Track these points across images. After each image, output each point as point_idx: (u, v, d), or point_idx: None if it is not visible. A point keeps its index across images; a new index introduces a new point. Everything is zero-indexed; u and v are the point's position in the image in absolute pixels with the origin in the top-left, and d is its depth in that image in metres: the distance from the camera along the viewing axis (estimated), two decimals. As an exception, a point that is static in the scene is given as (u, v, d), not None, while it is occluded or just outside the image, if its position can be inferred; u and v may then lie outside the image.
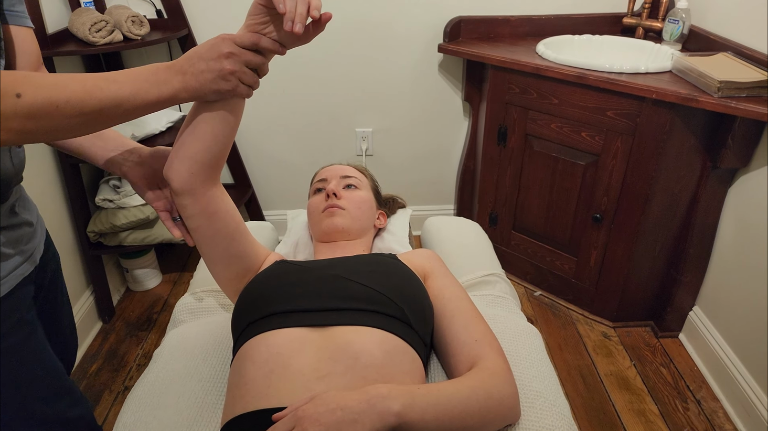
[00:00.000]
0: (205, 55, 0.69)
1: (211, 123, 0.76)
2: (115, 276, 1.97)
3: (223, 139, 0.78)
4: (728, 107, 1.29)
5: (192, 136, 0.77)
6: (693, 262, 1.63)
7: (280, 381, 0.70)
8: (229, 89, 0.71)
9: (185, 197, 0.81)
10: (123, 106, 0.65)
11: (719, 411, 1.51)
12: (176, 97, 0.69)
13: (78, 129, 0.64)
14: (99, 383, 1.61)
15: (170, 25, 1.80)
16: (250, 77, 0.72)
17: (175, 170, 0.79)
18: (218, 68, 0.69)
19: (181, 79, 0.68)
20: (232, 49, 0.69)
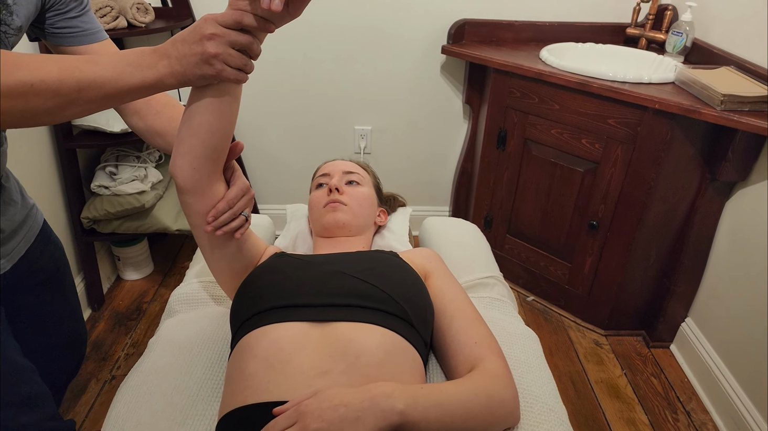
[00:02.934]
0: (188, 38, 0.64)
1: (205, 114, 0.72)
2: (106, 264, 1.94)
3: (220, 131, 0.74)
4: (730, 120, 1.30)
5: (189, 130, 0.73)
6: (687, 273, 1.64)
7: (280, 376, 0.69)
8: (214, 74, 0.66)
9: (191, 194, 0.77)
10: (104, 89, 0.62)
11: (709, 423, 1.52)
12: (162, 83, 0.65)
13: (57, 112, 0.61)
14: (85, 372, 1.59)
15: (175, 13, 1.79)
16: (238, 59, 0.66)
17: (178, 167, 0.76)
18: (200, 51, 0.64)
19: (166, 63, 0.64)
20: (215, 29, 0.64)
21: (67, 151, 1.62)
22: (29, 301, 0.88)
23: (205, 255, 0.87)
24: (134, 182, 1.70)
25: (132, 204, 1.67)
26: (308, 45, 1.93)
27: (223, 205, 0.78)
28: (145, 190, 1.71)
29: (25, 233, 0.84)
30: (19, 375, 0.78)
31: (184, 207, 0.80)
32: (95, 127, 1.62)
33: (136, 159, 1.76)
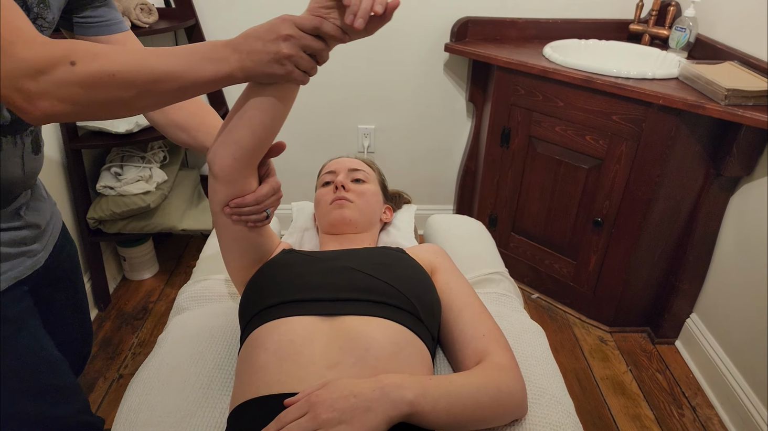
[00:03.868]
0: (262, 35, 0.65)
1: (261, 108, 0.72)
2: (112, 265, 1.95)
3: (270, 127, 0.75)
4: (735, 115, 1.30)
5: (241, 120, 0.74)
6: (692, 270, 1.64)
7: (292, 367, 0.70)
8: (283, 74, 0.67)
9: (223, 183, 0.78)
10: (177, 81, 0.62)
11: (714, 418, 1.52)
12: (232, 76, 0.65)
13: (131, 103, 0.62)
14: (93, 371, 1.60)
15: (178, 14, 1.80)
16: (307, 63, 0.67)
17: (218, 155, 0.76)
18: (274, 50, 0.64)
19: (237, 57, 0.64)
20: (292, 31, 0.65)
21: (72, 151, 1.62)
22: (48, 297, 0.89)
23: (221, 243, 0.87)
24: (139, 182, 1.71)
25: (137, 204, 1.68)
26: (312, 44, 1.94)
27: (251, 199, 0.79)
28: (150, 190, 1.72)
29: (52, 229, 0.86)
30: (54, 367, 0.80)
31: (212, 193, 0.80)
32: (100, 127, 1.63)
33: (140, 159, 1.77)
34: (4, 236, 0.71)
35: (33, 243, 0.76)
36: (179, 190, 1.89)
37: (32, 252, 0.76)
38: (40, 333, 0.79)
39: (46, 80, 0.55)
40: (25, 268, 0.75)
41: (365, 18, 0.64)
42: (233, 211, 0.79)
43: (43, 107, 0.55)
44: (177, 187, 1.89)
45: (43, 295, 0.86)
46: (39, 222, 0.79)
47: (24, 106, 0.55)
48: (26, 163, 0.72)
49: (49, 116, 0.57)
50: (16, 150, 0.70)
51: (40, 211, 0.80)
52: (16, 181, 0.71)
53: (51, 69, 0.55)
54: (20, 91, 0.54)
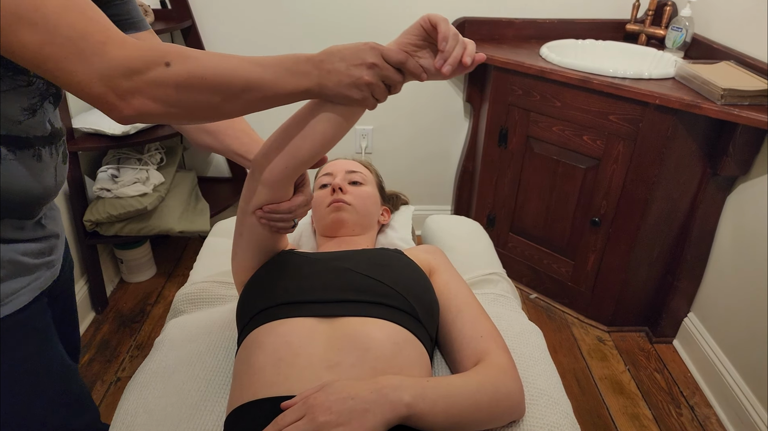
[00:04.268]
0: (347, 57, 0.66)
1: (325, 124, 0.72)
2: (109, 267, 1.95)
3: (330, 143, 0.74)
4: (731, 115, 1.31)
5: (302, 133, 0.73)
6: (689, 269, 1.64)
7: (289, 369, 0.69)
8: (359, 99, 0.68)
9: (268, 188, 0.78)
10: (263, 91, 0.63)
11: (712, 417, 1.52)
12: (309, 92, 0.66)
13: (218, 108, 0.62)
14: (91, 373, 1.59)
15: (174, 15, 1.79)
16: (383, 93, 0.69)
17: (273, 162, 0.76)
18: (357, 75, 0.66)
19: (318, 74, 0.65)
20: (377, 60, 0.66)
21: (69, 153, 1.62)
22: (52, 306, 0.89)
23: (239, 242, 0.86)
24: (136, 184, 1.71)
25: (134, 206, 1.68)
26: (308, 45, 1.94)
27: (285, 207, 0.80)
28: (147, 192, 1.71)
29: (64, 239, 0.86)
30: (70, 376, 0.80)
31: (251, 194, 0.80)
32: (96, 129, 1.63)
33: (137, 161, 1.77)
34: (32, 247, 0.71)
35: (52, 253, 0.77)
36: (176, 191, 1.88)
37: (52, 263, 0.77)
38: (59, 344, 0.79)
39: (140, 79, 0.56)
40: (46, 279, 0.75)
41: (454, 66, 0.66)
42: (265, 215, 0.80)
43: (136, 105, 0.56)
44: (174, 189, 1.88)
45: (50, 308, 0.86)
46: (57, 231, 0.79)
47: (117, 104, 0.56)
48: (58, 173, 0.73)
49: (140, 115, 0.58)
50: (52, 161, 0.71)
51: (56, 220, 0.81)
52: (50, 192, 0.72)
53: (146, 69, 0.56)
54: (114, 89, 0.55)
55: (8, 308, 0.67)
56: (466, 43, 0.68)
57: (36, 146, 0.67)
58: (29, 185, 0.67)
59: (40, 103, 0.66)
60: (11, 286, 0.67)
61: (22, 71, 0.62)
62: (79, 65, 0.52)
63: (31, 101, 0.64)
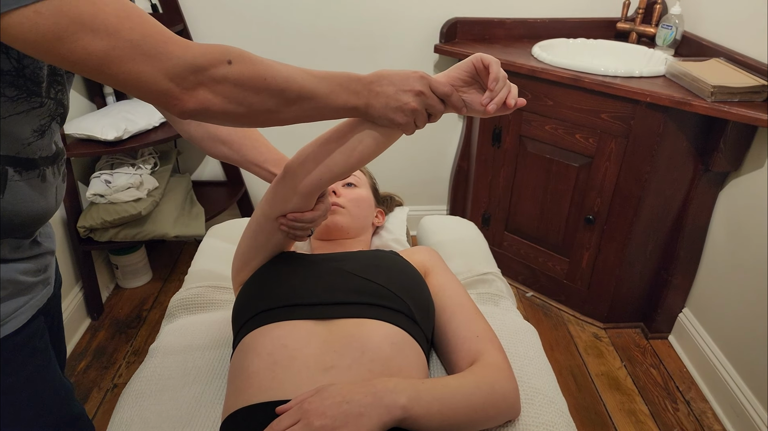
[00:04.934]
0: (397, 83, 0.69)
1: (366, 143, 0.75)
2: (104, 273, 1.94)
3: (365, 160, 0.77)
4: (721, 111, 1.31)
5: (341, 147, 0.75)
6: (683, 264, 1.65)
7: (284, 373, 0.69)
8: (402, 123, 0.71)
9: (300, 197, 0.79)
10: (316, 102, 0.65)
11: (708, 411, 1.53)
12: (356, 110, 0.69)
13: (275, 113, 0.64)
14: (87, 380, 1.59)
15: (165, 19, 1.79)
16: (424, 120, 0.72)
17: (306, 171, 0.77)
18: (404, 101, 0.68)
19: (367, 94, 0.68)
20: (425, 89, 0.69)
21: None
22: None
23: (249, 244, 0.87)
24: (130, 190, 1.70)
25: (128, 211, 1.67)
26: (301, 47, 1.94)
27: (309, 217, 0.82)
28: (141, 197, 1.71)
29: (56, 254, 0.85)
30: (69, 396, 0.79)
31: (281, 200, 0.81)
32: (89, 135, 1.63)
33: (131, 166, 1.76)
34: (29, 265, 0.71)
35: (47, 270, 0.76)
36: (171, 196, 1.88)
37: (47, 280, 0.76)
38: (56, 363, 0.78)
39: (205, 75, 0.57)
40: (42, 296, 0.75)
41: (499, 105, 0.70)
42: (288, 223, 0.81)
43: (200, 98, 0.58)
44: (169, 194, 1.88)
45: None
46: (53, 247, 0.79)
47: (182, 97, 0.57)
48: (58, 192, 0.73)
49: (202, 109, 0.59)
50: (55, 180, 0.72)
51: (51, 237, 0.80)
52: (51, 211, 0.72)
53: (210, 66, 0.57)
54: (179, 83, 0.56)
55: (9, 327, 0.67)
56: (511, 86, 0.71)
57: (41, 167, 0.67)
58: (33, 206, 0.67)
59: (48, 124, 0.66)
60: (11, 305, 0.67)
61: (36, 93, 0.62)
62: (145, 66, 0.54)
63: (41, 122, 0.65)
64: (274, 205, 0.82)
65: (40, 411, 0.73)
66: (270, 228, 0.84)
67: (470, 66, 0.72)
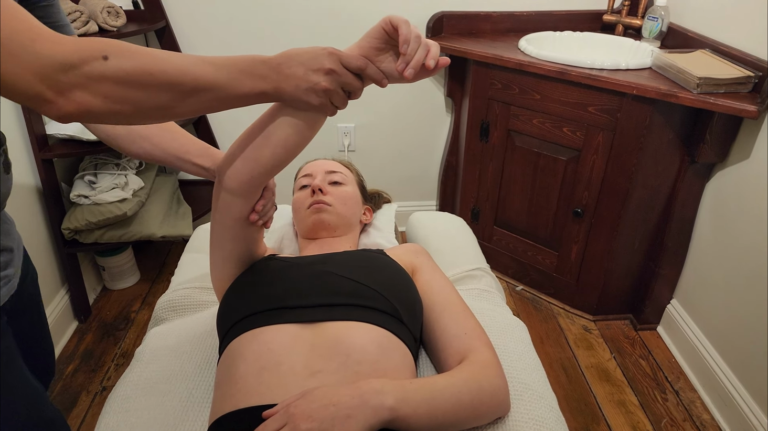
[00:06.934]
0: (306, 62, 0.64)
1: (287, 131, 0.71)
2: (91, 275, 1.92)
3: (293, 149, 0.74)
4: (707, 103, 1.32)
5: (265, 140, 0.72)
6: (671, 256, 1.66)
7: (271, 378, 0.69)
8: (316, 104, 0.67)
9: (236, 196, 0.77)
10: (215, 92, 0.61)
11: (697, 401, 1.54)
12: (266, 95, 0.65)
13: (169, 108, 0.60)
14: (75, 384, 1.57)
15: (147, 16, 1.76)
16: (342, 100, 0.68)
17: (236, 170, 0.75)
18: (314, 81, 0.64)
19: (275, 77, 0.64)
20: (335, 66, 0.65)
21: (43, 161, 1.59)
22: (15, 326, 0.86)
23: (220, 254, 0.85)
24: (115, 190, 1.68)
25: (113, 212, 1.65)
26: (287, 42, 1.92)
27: (269, 195, 0.80)
28: (127, 198, 1.69)
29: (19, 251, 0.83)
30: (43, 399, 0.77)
31: (226, 207, 0.79)
32: (71, 135, 1.60)
33: (115, 166, 1.74)
34: None
35: (8, 268, 0.74)
36: (157, 196, 1.86)
37: (7, 278, 0.74)
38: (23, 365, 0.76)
39: (77, 73, 0.53)
40: (2, 295, 0.72)
41: (416, 69, 0.65)
42: (261, 218, 0.80)
43: (77, 100, 0.54)
44: (155, 194, 1.86)
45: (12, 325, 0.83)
46: (11, 245, 0.76)
47: (56, 101, 0.53)
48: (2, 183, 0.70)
49: (82, 112, 0.55)
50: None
51: (11, 234, 0.78)
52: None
53: (82, 63, 0.53)
54: (52, 86, 0.52)
55: None
56: (430, 45, 0.66)
57: None
58: None
59: None
60: None
61: None
62: (13, 67, 0.50)
63: None
64: (222, 213, 0.80)
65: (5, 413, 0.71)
66: (233, 235, 0.81)
67: (380, 31, 0.67)
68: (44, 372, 0.99)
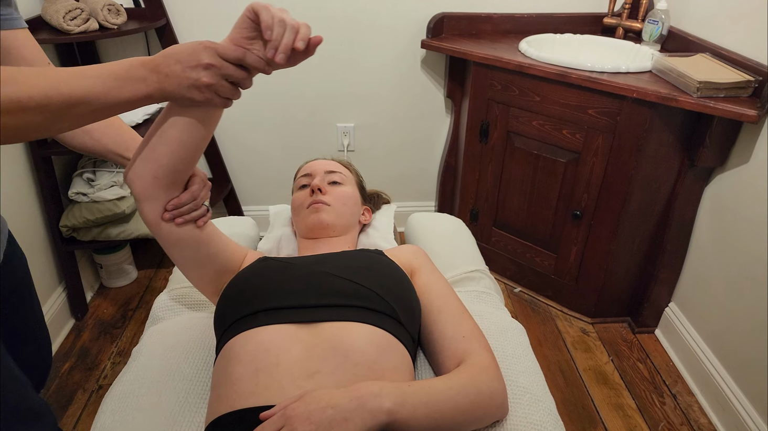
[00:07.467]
0: (183, 60, 0.64)
1: (181, 128, 0.71)
2: (88, 273, 1.91)
3: (192, 146, 0.73)
4: (707, 107, 1.32)
5: (160, 138, 0.72)
6: (669, 259, 1.66)
7: (268, 379, 0.68)
8: (202, 100, 0.66)
9: (147, 202, 0.76)
10: (93, 104, 0.61)
11: (694, 405, 1.54)
12: (150, 97, 0.65)
13: (47, 127, 0.59)
14: (71, 383, 1.56)
15: (148, 14, 1.76)
16: (229, 91, 0.67)
17: (137, 172, 0.74)
18: (194, 77, 0.64)
19: (156, 78, 0.64)
20: (213, 60, 0.64)
21: (42, 158, 1.58)
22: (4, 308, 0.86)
23: (176, 262, 0.85)
24: (113, 188, 1.67)
25: (112, 210, 1.64)
26: (286, 43, 1.91)
27: (188, 196, 0.78)
28: (125, 196, 1.68)
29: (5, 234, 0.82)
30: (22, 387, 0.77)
31: (142, 215, 0.78)
32: (71, 133, 1.59)
33: (114, 164, 1.73)
34: None
35: None
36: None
37: None
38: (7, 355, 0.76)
39: None
40: None
41: (287, 53, 0.64)
42: (173, 213, 0.78)
43: None
44: (153, 192, 1.85)
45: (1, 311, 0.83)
46: None
47: None
48: None
49: None
50: None
51: None
52: None
53: None
54: None
55: None
56: (298, 26, 0.65)
57: None
58: None
59: None
60: None
61: None
62: None
63: None
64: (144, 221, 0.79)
65: None
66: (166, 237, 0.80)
67: (246, 20, 0.66)
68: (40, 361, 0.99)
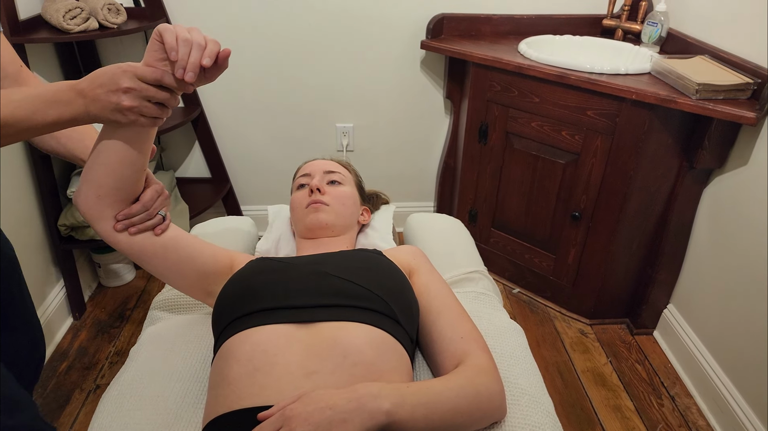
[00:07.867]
0: (104, 84, 0.65)
1: (115, 149, 0.73)
2: (86, 272, 1.91)
3: (129, 165, 0.74)
4: (706, 109, 1.32)
5: (97, 160, 0.74)
6: (668, 261, 1.67)
7: (265, 379, 0.68)
8: (127, 122, 0.68)
9: (97, 222, 0.77)
10: (16, 127, 0.63)
11: (693, 407, 1.55)
12: (77, 120, 0.67)
13: None
14: (69, 382, 1.56)
15: (147, 14, 1.75)
16: (153, 111, 0.68)
17: (81, 195, 0.76)
18: (115, 101, 0.65)
19: (81, 102, 0.66)
20: (132, 84, 0.65)
21: (41, 157, 1.58)
22: None
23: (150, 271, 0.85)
24: (112, 187, 1.67)
25: (111, 209, 1.64)
26: (287, 44, 1.91)
27: (138, 207, 0.79)
28: (124, 195, 1.68)
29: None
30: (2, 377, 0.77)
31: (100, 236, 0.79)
32: (70, 132, 1.59)
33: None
34: None
35: None
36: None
37: None
38: None
39: None
40: None
41: (195, 71, 0.65)
42: (124, 223, 0.78)
43: None
44: (152, 191, 1.85)
45: None
46: None
47: None
48: None
49: None
50: None
51: None
52: None
53: None
54: None
55: None
56: (206, 43, 0.65)
57: None
58: None
59: None
60: None
61: None
62: None
63: None
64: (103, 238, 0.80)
65: None
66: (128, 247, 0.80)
67: (155, 43, 0.67)
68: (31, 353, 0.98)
